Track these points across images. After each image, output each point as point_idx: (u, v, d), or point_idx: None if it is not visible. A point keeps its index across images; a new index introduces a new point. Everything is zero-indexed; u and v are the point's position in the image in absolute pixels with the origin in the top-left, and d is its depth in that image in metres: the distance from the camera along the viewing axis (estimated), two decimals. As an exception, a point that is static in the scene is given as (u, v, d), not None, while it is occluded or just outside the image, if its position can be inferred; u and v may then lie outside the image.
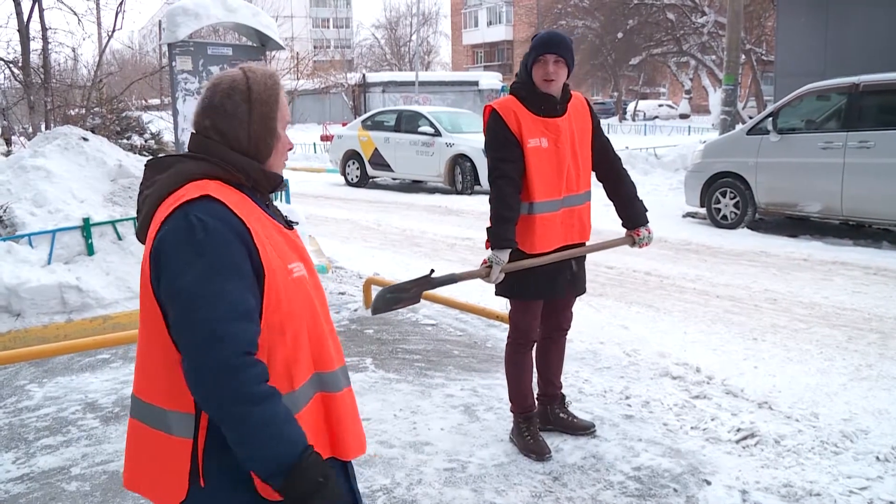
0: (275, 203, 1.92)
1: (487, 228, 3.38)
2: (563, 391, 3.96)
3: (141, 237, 1.67)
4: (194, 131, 1.70)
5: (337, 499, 1.55)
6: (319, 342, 1.69)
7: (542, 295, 3.56)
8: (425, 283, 3.34)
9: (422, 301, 3.63)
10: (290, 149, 1.78)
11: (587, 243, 3.70)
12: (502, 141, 3.38)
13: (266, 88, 1.68)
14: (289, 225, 1.77)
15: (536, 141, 3.37)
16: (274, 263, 1.59)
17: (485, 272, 3.34)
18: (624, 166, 3.74)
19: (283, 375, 1.59)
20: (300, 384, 1.63)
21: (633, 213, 3.69)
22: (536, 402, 3.86)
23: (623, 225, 3.75)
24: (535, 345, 3.81)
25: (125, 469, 1.70)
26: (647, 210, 3.72)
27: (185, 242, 1.51)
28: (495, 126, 3.41)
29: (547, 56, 3.34)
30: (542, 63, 3.36)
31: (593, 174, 3.69)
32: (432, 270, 3.38)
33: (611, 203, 3.76)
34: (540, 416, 3.84)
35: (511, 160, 3.35)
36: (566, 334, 3.88)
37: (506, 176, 3.34)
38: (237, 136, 1.66)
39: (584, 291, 3.78)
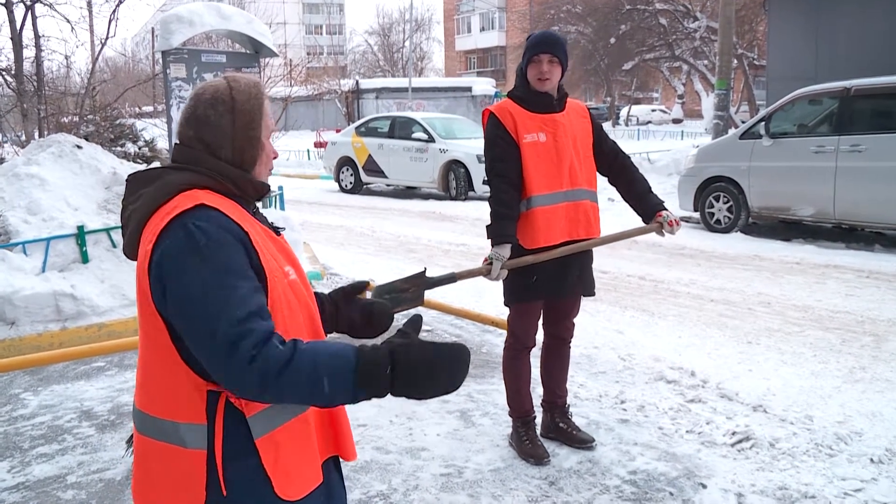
0: (265, 209, 1.94)
1: (487, 226, 3.41)
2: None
3: (129, 253, 1.65)
4: (178, 142, 1.69)
5: (425, 350, 1.49)
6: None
7: (548, 293, 3.53)
8: (423, 283, 3.29)
9: (431, 289, 3.54)
10: (275, 157, 1.78)
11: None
12: (498, 141, 3.44)
13: (249, 98, 1.68)
14: (275, 231, 1.79)
15: (533, 136, 3.40)
16: (272, 266, 1.60)
17: (486, 270, 3.31)
18: (636, 166, 3.72)
19: None
20: None
21: (649, 205, 3.59)
22: (541, 409, 3.87)
23: (644, 221, 3.63)
24: (540, 352, 3.83)
25: (136, 486, 1.68)
26: (662, 201, 3.63)
27: (187, 251, 1.50)
28: (492, 127, 3.47)
29: (541, 56, 3.39)
30: (536, 63, 3.41)
31: (605, 178, 3.70)
32: (425, 269, 3.36)
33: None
34: (542, 424, 3.85)
35: (507, 159, 3.40)
36: (568, 345, 3.82)
37: (501, 175, 3.39)
38: (221, 146, 1.66)
39: (592, 292, 3.68)
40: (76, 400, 4.58)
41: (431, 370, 1.49)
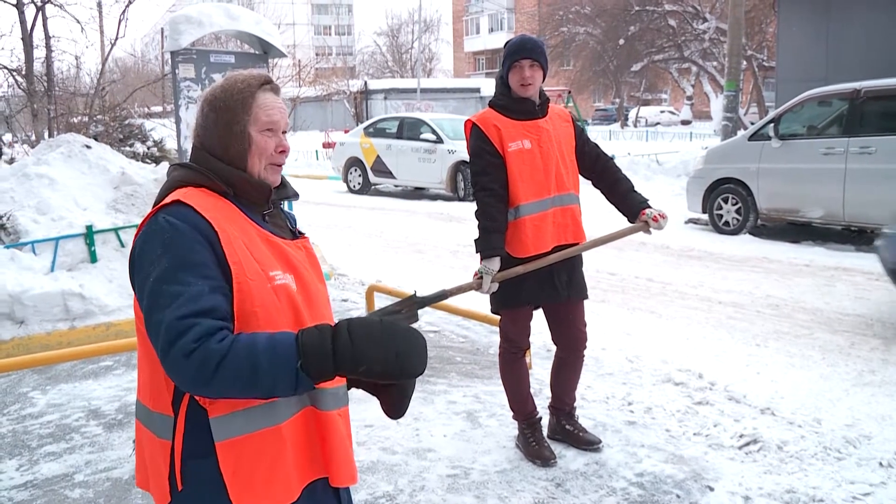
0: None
1: (475, 240, 3.39)
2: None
3: None
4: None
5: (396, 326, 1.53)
6: None
7: (535, 298, 3.52)
8: (415, 303, 3.25)
9: (424, 308, 3.53)
10: (280, 151, 1.73)
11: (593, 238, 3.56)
12: (482, 154, 3.40)
13: (235, 93, 1.66)
14: (294, 236, 1.77)
15: (517, 144, 3.37)
16: (246, 266, 1.55)
17: (476, 284, 3.25)
18: (619, 167, 3.69)
19: None
20: None
21: (633, 204, 3.53)
22: (549, 412, 3.86)
23: (629, 220, 3.58)
24: (552, 361, 3.81)
25: (136, 469, 1.76)
26: (646, 199, 3.57)
27: (153, 244, 1.54)
28: (475, 139, 3.44)
29: (522, 61, 3.36)
30: (518, 69, 3.38)
31: (588, 182, 3.67)
32: (416, 291, 3.34)
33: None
34: (549, 426, 3.84)
35: (490, 172, 3.37)
36: (581, 356, 3.76)
37: (486, 188, 3.37)
38: (211, 143, 1.68)
39: (585, 295, 3.64)
40: (84, 399, 4.60)
41: (376, 342, 1.44)
